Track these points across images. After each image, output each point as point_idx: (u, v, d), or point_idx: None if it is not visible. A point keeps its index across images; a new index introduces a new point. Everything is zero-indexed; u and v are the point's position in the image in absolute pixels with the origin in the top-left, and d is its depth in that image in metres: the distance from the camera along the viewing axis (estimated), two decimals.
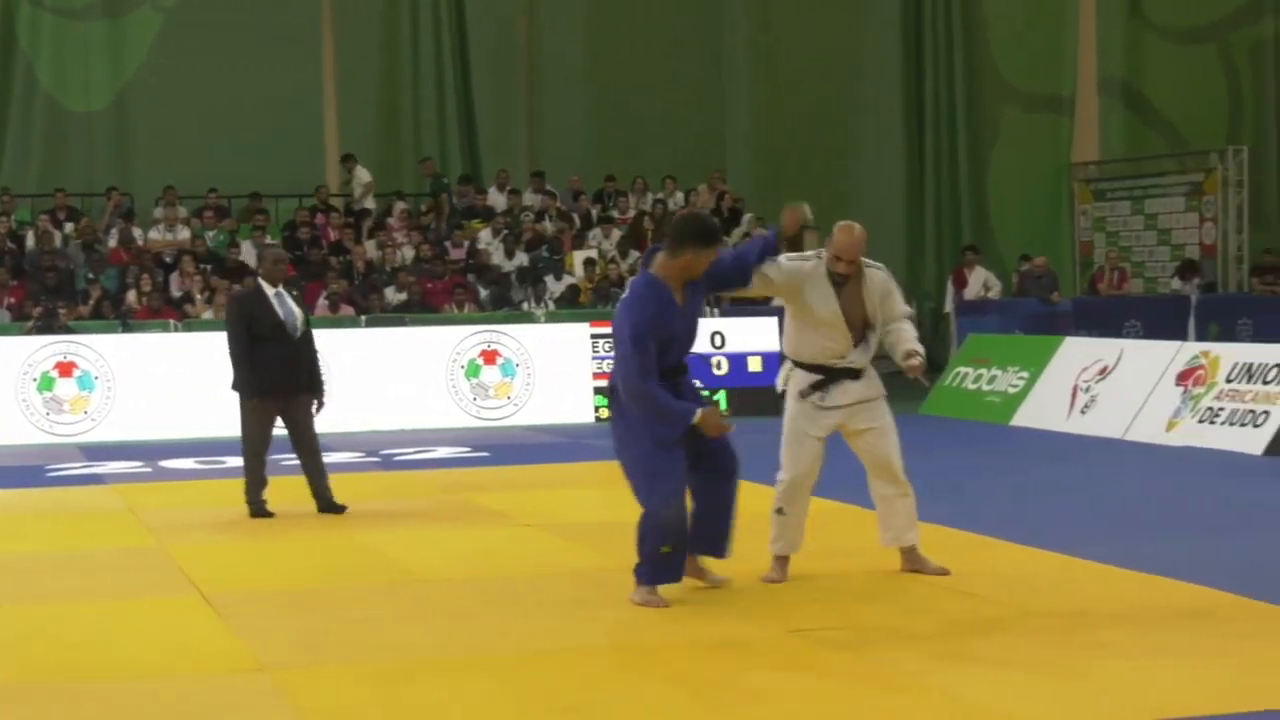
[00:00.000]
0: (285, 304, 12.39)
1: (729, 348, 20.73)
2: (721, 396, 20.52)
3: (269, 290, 12.40)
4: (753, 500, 9.77)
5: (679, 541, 8.73)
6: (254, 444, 12.49)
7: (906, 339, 9.28)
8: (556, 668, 7.53)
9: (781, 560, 9.42)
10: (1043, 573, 9.61)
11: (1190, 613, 8.42)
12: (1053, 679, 7.15)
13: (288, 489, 12.89)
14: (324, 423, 18.57)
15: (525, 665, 7.58)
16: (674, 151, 29.08)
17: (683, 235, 8.76)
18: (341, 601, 9.18)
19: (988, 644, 7.86)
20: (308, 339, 12.53)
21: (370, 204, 26.35)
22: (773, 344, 20.95)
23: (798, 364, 9.38)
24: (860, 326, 9.25)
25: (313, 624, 8.58)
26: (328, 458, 14.97)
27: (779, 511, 9.36)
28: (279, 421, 12.52)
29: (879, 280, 9.38)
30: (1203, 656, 7.52)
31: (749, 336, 20.96)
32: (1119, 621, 8.25)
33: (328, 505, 12.49)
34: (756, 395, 20.49)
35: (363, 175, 26.49)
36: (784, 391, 9.53)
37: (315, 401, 12.55)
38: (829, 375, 9.26)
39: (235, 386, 12.45)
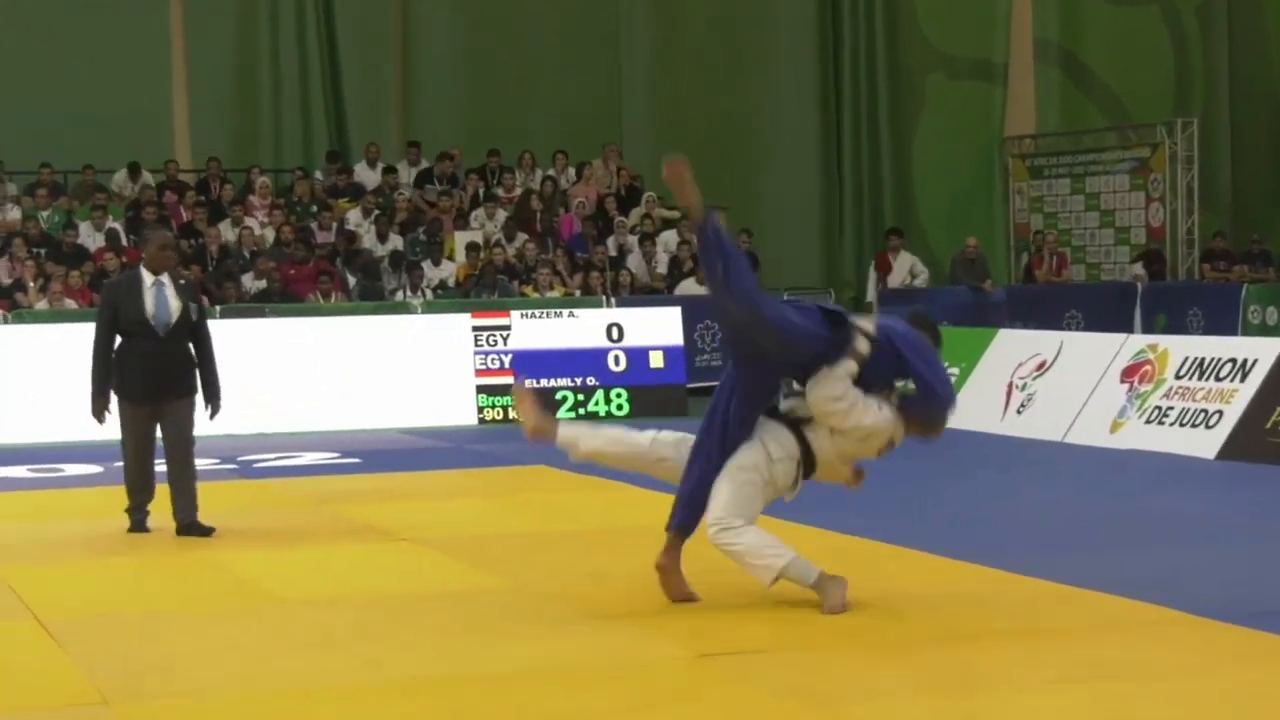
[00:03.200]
0: (161, 296, 12.07)
1: (627, 341, 20.75)
2: (621, 395, 20.55)
3: (147, 280, 12.11)
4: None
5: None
6: (126, 450, 12.27)
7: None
8: (435, 700, 7.52)
9: None
10: (977, 589, 9.70)
11: (1137, 631, 8.52)
12: (992, 707, 7.22)
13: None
14: None
15: (399, 698, 7.56)
16: (565, 124, 29.04)
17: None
18: (195, 628, 9.12)
19: (915, 666, 7.92)
20: (193, 335, 12.23)
21: None
22: (675, 337, 21.02)
23: None
24: None
25: (162, 653, 8.52)
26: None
27: None
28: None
29: None
30: (1142, 677, 7.62)
31: (649, 330, 20.99)
32: (1061, 642, 8.33)
33: (187, 527, 12.24)
34: (657, 393, 20.56)
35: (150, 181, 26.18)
36: None
37: (210, 408, 12.32)
38: None
39: (92, 389, 12.17)
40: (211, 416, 12.39)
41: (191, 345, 12.28)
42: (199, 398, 12.31)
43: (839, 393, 9.00)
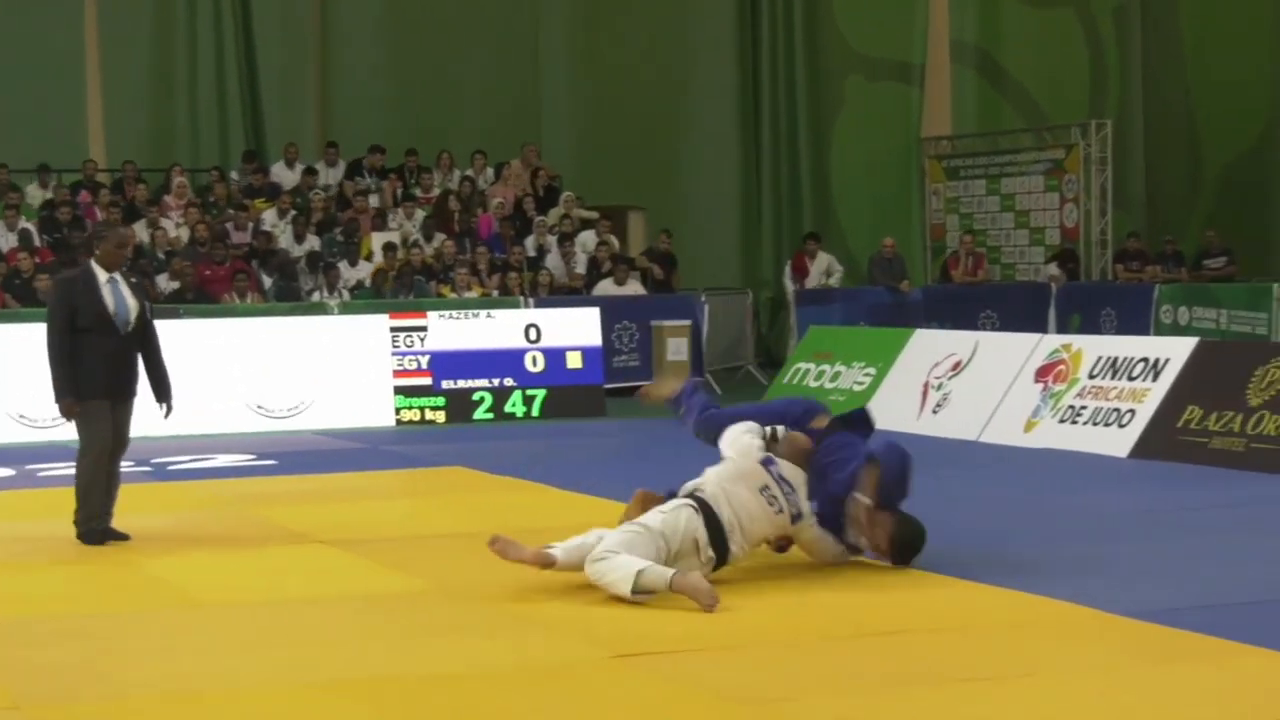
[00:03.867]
0: (118, 292, 11.90)
1: (545, 342, 20.76)
2: (539, 396, 20.55)
3: (101, 276, 11.88)
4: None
5: None
6: (87, 455, 11.92)
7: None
8: (354, 701, 7.51)
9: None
10: (893, 589, 9.76)
11: (1048, 629, 8.60)
12: (906, 705, 7.27)
13: (54, 502, 12.70)
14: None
15: (318, 699, 7.55)
16: (483, 124, 29.01)
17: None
18: (110, 631, 9.08)
19: (835, 664, 7.96)
20: (144, 334, 12.09)
21: None
22: (593, 338, 21.04)
23: None
24: None
25: (77, 657, 8.47)
26: None
27: None
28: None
29: None
30: (1063, 677, 7.69)
31: (567, 330, 21.00)
32: (974, 640, 8.41)
33: (103, 533, 12.14)
34: (575, 394, 20.58)
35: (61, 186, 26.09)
36: None
37: (164, 406, 12.18)
38: None
39: (57, 392, 11.84)
40: (166, 415, 12.20)
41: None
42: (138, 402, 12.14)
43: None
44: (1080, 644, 8.31)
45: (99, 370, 11.79)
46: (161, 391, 12.16)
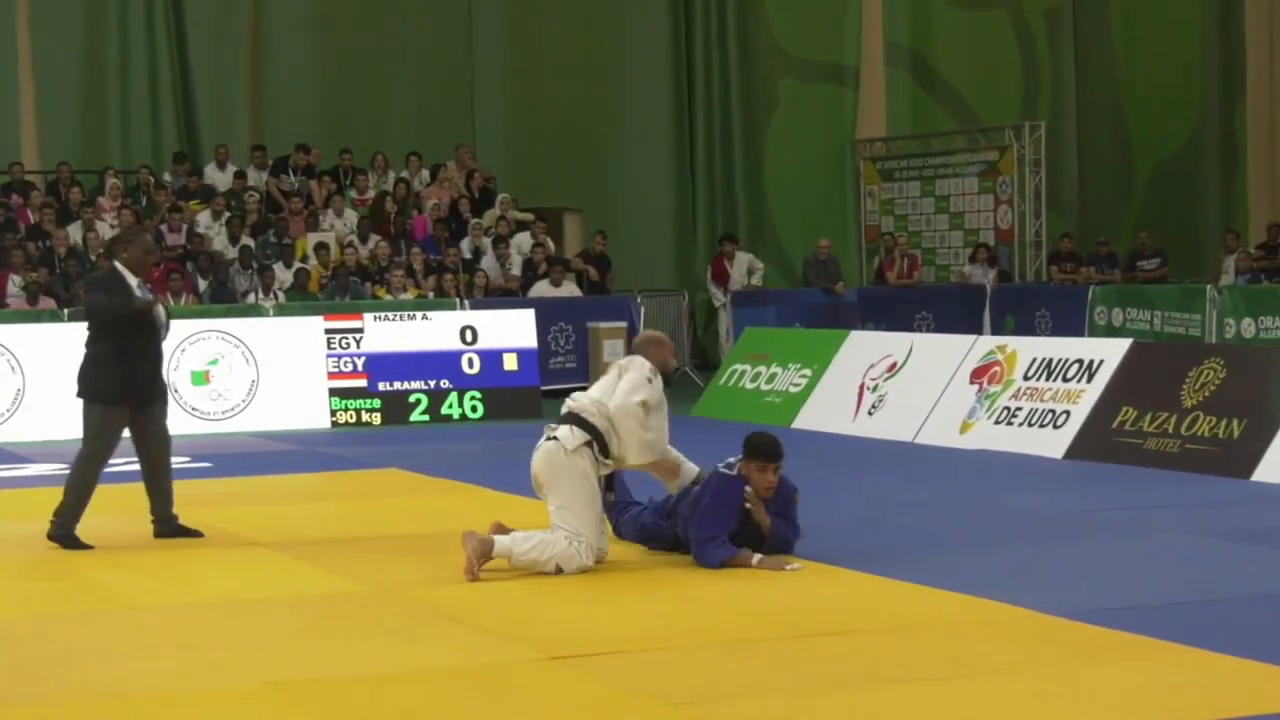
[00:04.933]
0: (147, 297, 11.79)
1: (481, 344, 20.73)
2: (475, 398, 20.52)
3: (131, 280, 11.69)
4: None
5: None
6: (97, 459, 11.85)
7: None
8: (289, 703, 7.50)
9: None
10: (825, 589, 9.80)
11: (983, 629, 8.65)
12: (834, 706, 7.30)
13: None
14: (20, 430, 18.26)
15: (253, 700, 7.53)
16: (417, 125, 28.94)
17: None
18: (42, 634, 9.03)
19: (765, 666, 7.98)
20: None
21: None
22: (529, 339, 21.03)
23: None
24: None
25: (9, 659, 8.42)
26: (25, 470, 14.71)
27: None
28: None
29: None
30: (996, 677, 7.74)
31: (503, 332, 20.98)
32: (906, 641, 8.45)
33: (173, 529, 12.10)
34: (511, 396, 20.56)
35: None
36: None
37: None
38: None
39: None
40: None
41: None
42: None
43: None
44: (1014, 644, 8.36)
45: (138, 372, 11.71)
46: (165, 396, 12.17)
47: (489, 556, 10.09)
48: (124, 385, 11.68)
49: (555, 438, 10.32)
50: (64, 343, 19.26)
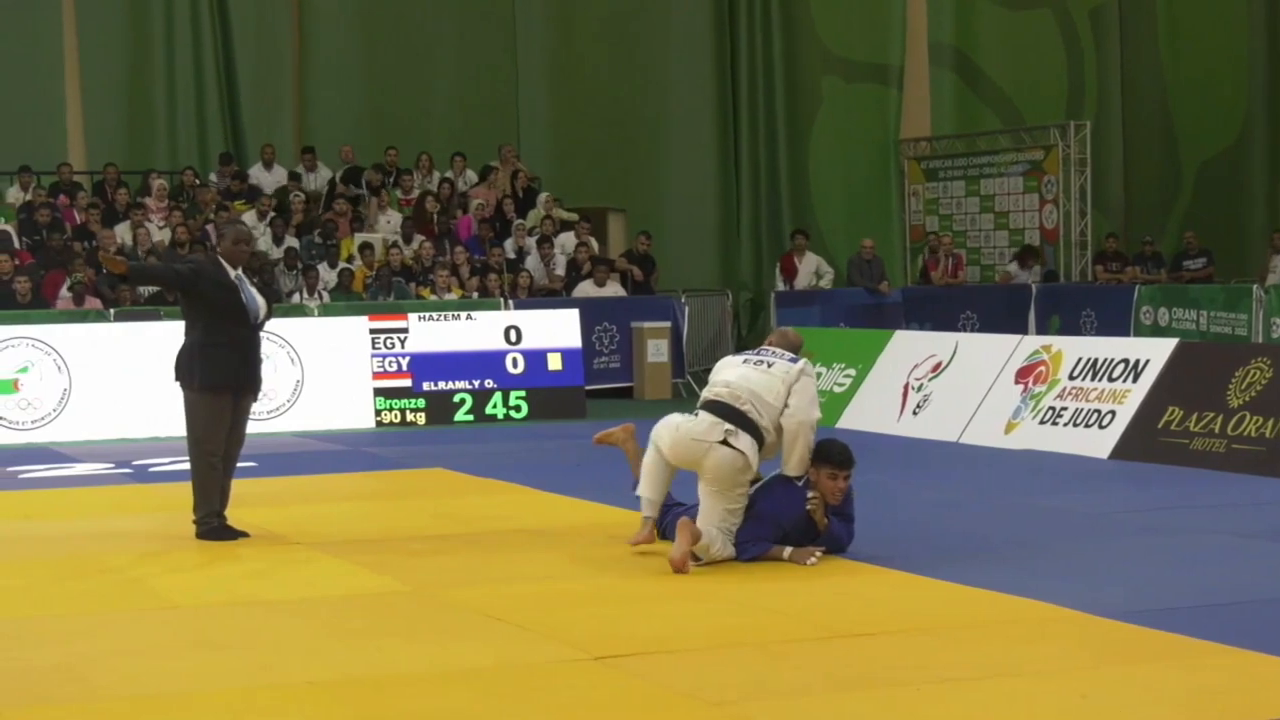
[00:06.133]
0: (246, 288, 11.86)
1: (525, 344, 20.72)
2: (519, 397, 20.52)
3: (230, 271, 11.78)
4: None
5: None
6: (205, 447, 11.86)
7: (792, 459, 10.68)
8: (330, 703, 7.49)
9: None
10: (870, 588, 9.75)
11: (1028, 630, 8.59)
12: (881, 706, 7.26)
13: (12, 504, 12.64)
14: (67, 429, 18.30)
15: (294, 700, 7.52)
16: (462, 125, 28.96)
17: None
18: (82, 632, 9.04)
19: (808, 666, 7.94)
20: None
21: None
22: (573, 339, 21.01)
23: None
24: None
25: (53, 658, 8.44)
26: (71, 469, 14.72)
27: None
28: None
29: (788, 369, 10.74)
30: (1041, 677, 7.68)
31: (547, 332, 20.98)
32: (951, 641, 8.40)
33: (218, 529, 12.09)
34: (556, 396, 20.54)
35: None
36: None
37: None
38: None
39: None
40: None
41: None
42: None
43: None
44: (1059, 645, 8.30)
45: (231, 358, 11.76)
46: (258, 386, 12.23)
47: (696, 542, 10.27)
48: (215, 370, 11.73)
49: (738, 448, 10.36)
50: (110, 343, 19.40)
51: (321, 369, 20.04)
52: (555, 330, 21.07)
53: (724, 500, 10.41)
